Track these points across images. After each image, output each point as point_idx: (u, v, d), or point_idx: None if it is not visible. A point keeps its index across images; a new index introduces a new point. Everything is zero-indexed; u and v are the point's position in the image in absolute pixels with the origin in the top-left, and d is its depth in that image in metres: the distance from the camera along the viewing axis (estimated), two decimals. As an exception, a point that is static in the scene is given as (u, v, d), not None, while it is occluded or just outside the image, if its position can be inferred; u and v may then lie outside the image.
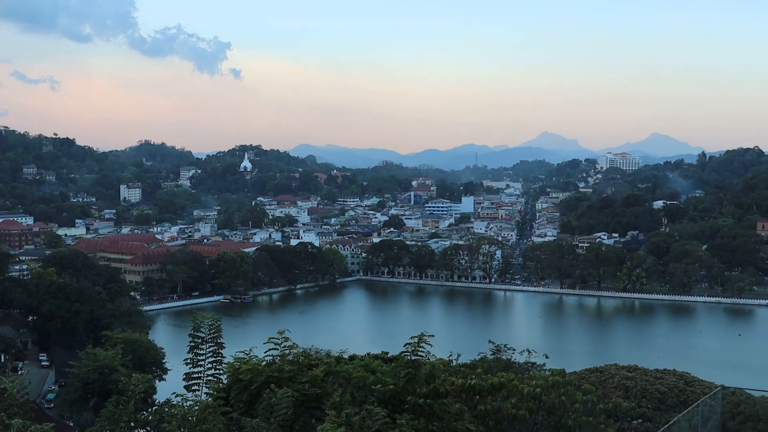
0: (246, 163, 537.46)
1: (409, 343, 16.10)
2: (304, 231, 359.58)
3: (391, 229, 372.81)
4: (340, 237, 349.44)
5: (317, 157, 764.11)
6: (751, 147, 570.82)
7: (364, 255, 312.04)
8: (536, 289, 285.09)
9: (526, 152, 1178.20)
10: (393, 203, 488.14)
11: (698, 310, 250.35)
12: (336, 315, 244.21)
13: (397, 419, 13.56)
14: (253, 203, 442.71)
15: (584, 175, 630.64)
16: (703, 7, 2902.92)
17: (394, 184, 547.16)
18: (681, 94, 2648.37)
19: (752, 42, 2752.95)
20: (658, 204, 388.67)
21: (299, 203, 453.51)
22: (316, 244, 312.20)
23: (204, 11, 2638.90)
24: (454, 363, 39.55)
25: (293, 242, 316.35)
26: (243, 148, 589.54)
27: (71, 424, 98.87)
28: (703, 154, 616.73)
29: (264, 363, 15.64)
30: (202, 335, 16.08)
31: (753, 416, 35.05)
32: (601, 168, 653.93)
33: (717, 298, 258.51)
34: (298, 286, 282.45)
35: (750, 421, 35.00)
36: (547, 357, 50.60)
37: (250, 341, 19.55)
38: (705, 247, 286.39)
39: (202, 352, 16.03)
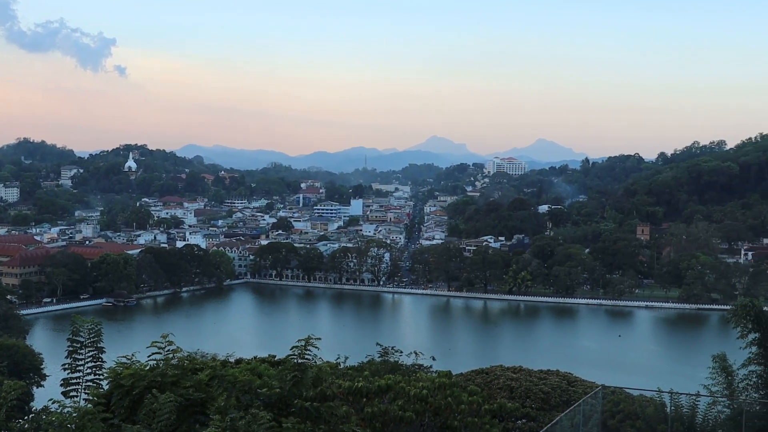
0: (131, 163, 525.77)
1: (296, 347, 15.99)
2: (190, 233, 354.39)
3: (280, 232, 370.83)
4: (227, 239, 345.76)
5: (205, 157, 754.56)
6: (632, 154, 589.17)
7: (251, 257, 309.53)
8: (424, 291, 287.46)
9: (415, 156, 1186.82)
10: (281, 205, 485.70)
11: (581, 312, 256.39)
12: (223, 318, 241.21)
13: (284, 423, 13.45)
14: (138, 204, 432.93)
15: (472, 179, 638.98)
16: (585, 20, 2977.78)
17: (283, 186, 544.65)
18: (566, 102, 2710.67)
19: (632, 54, 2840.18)
20: (543, 208, 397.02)
21: (186, 205, 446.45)
22: (203, 246, 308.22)
23: (89, 5, 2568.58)
24: (342, 366, 39.49)
25: (179, 244, 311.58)
26: (128, 148, 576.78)
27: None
28: (587, 160, 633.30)
29: (147, 368, 15.29)
30: (82, 339, 15.61)
31: (632, 414, 35.97)
32: (489, 172, 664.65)
33: (599, 300, 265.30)
34: (184, 289, 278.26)
35: (629, 419, 35.92)
36: (434, 359, 51.09)
37: (133, 346, 19.12)
38: (587, 250, 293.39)
39: (81, 357, 15.56)
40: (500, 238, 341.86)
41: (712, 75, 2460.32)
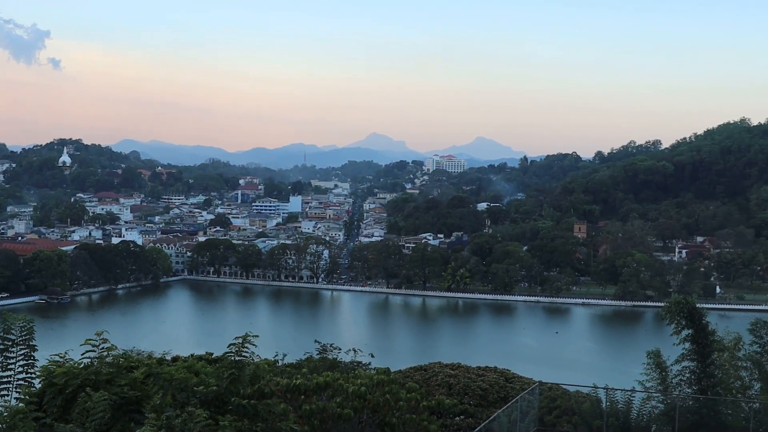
0: (65, 158, 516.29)
1: (234, 344, 15.85)
2: (126, 229, 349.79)
3: (218, 228, 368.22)
4: (164, 235, 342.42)
5: (141, 153, 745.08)
6: (570, 153, 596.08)
7: (189, 254, 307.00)
8: (363, 288, 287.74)
9: (355, 153, 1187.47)
10: (219, 202, 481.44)
11: (519, 309, 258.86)
12: (160, 316, 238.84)
13: (220, 421, 13.31)
14: (73, 200, 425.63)
15: (411, 176, 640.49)
16: (524, 20, 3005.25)
17: (221, 182, 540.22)
18: (505, 101, 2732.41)
19: (569, 55, 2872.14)
20: (482, 206, 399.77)
21: (122, 200, 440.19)
22: (139, 242, 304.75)
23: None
24: (280, 363, 39.36)
25: (115, 240, 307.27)
26: (62, 142, 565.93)
27: None
28: (525, 158, 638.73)
29: (81, 366, 15.05)
30: (13, 338, 15.31)
31: (568, 410, 36.32)
32: (428, 170, 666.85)
33: (536, 298, 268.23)
34: (120, 286, 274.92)
35: (565, 414, 36.27)
36: (372, 356, 51.02)
37: (66, 344, 18.78)
38: (525, 248, 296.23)
39: (12, 355, 15.28)
40: (439, 235, 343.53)
41: (648, 77, 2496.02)
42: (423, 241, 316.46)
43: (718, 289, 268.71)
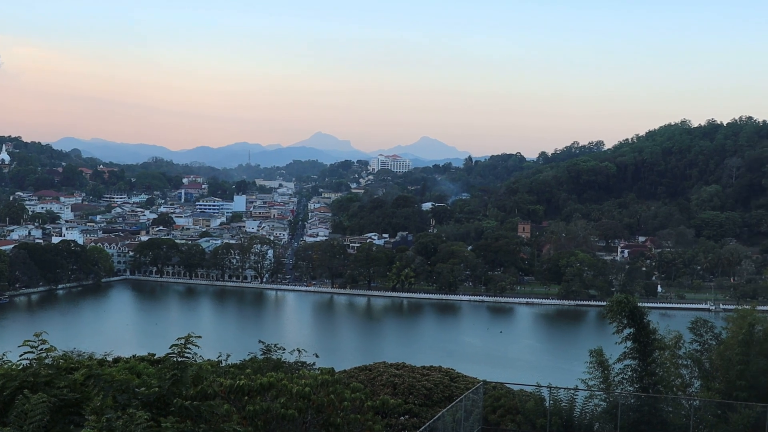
0: (4, 156, 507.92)
1: (176, 345, 15.68)
2: (67, 228, 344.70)
3: (161, 228, 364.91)
4: (106, 235, 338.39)
5: (83, 151, 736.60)
6: (514, 153, 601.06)
7: (131, 254, 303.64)
8: (307, 288, 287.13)
9: (300, 152, 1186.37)
10: (163, 201, 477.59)
11: (463, 309, 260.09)
12: (101, 316, 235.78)
13: (162, 423, 13.15)
14: (11, 198, 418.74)
15: (356, 176, 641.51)
16: (470, 23, 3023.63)
17: (164, 181, 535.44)
18: (450, 102, 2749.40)
19: (514, 58, 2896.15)
20: (427, 206, 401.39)
21: (62, 199, 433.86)
22: (80, 242, 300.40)
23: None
24: (223, 364, 39.10)
25: (55, 240, 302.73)
26: (1, 140, 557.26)
27: None
28: (470, 158, 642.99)
29: (19, 367, 14.77)
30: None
31: (512, 409, 36.51)
32: (373, 169, 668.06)
33: (481, 297, 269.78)
34: (60, 287, 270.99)
35: (509, 413, 36.45)
36: (317, 356, 50.90)
37: (4, 345, 18.48)
38: (470, 247, 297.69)
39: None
40: (384, 235, 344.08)
41: (592, 79, 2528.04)
42: (368, 240, 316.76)
43: (659, 288, 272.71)
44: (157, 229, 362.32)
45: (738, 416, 32.28)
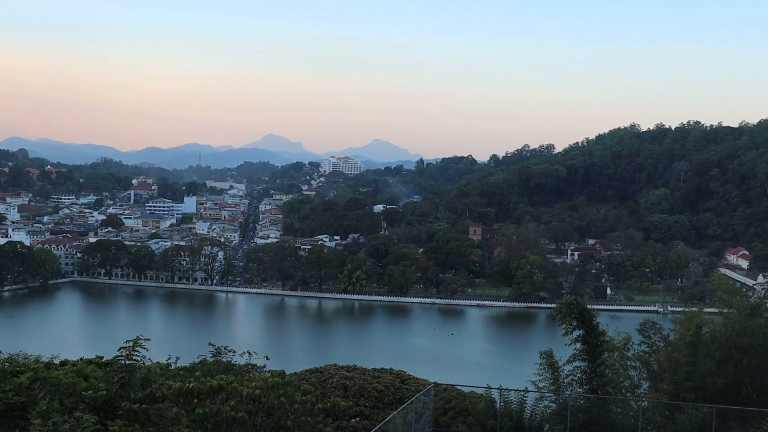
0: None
1: (124, 347, 15.48)
2: (13, 229, 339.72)
3: (109, 229, 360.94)
4: (53, 236, 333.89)
5: (29, 151, 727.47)
6: (466, 156, 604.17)
7: (79, 255, 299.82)
8: (258, 290, 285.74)
9: (251, 154, 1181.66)
10: (111, 202, 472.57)
11: (414, 311, 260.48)
12: (48, 318, 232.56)
13: (110, 426, 12.98)
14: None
15: (308, 178, 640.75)
16: (420, 27, 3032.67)
17: (113, 182, 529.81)
18: (402, 104, 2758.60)
19: (463, 64, 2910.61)
20: (379, 208, 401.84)
21: (8, 200, 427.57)
22: (27, 243, 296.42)
23: None
24: (172, 366, 38.72)
25: (1, 241, 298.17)
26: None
27: None
28: (421, 160, 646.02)
29: (-38, 371, 14.46)
30: None
31: (463, 411, 36.59)
32: (325, 171, 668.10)
33: (432, 299, 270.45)
34: (6, 288, 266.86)
35: (460, 415, 36.52)
36: (267, 358, 50.73)
37: (-54, 347, 18.05)
38: (421, 250, 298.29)
39: None
40: (335, 237, 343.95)
41: (543, 83, 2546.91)
42: (319, 242, 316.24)
43: (608, 291, 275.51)
44: (106, 230, 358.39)
45: (685, 417, 32.61)
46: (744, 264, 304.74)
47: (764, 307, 40.89)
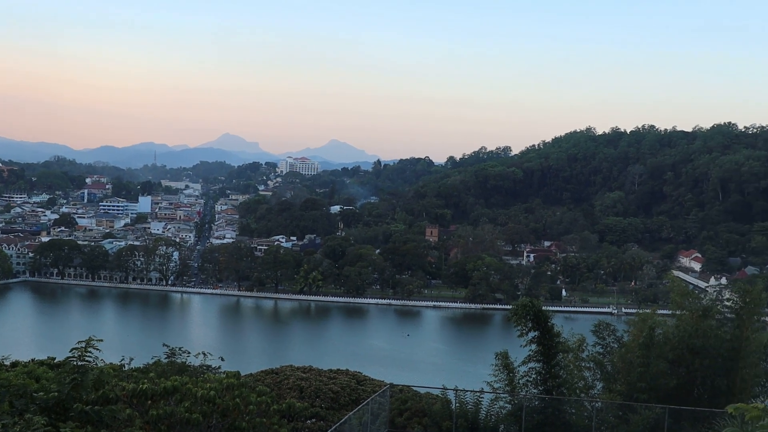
0: None
1: (76, 348, 15.28)
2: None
3: (62, 228, 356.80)
4: (4, 235, 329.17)
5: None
6: (423, 157, 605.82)
7: (31, 255, 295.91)
8: (214, 291, 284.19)
9: (207, 153, 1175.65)
10: (65, 201, 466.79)
11: (371, 312, 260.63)
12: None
13: (61, 428, 12.80)
14: None
15: (264, 178, 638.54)
16: (377, 32, 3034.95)
17: (67, 180, 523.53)
18: (359, 105, 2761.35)
19: (421, 66, 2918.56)
20: (335, 209, 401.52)
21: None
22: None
23: None
24: (126, 368, 38.38)
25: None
26: None
27: None
28: (379, 162, 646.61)
29: None
30: None
31: (419, 412, 36.67)
32: (282, 172, 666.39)
33: (388, 300, 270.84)
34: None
35: (416, 416, 36.58)
36: (222, 359, 50.39)
37: None
38: (378, 251, 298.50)
39: None
40: (292, 237, 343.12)
41: (501, 86, 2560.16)
42: (275, 243, 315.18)
43: (563, 292, 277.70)
44: (59, 229, 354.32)
45: (638, 417, 32.93)
46: (696, 266, 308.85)
47: (716, 309, 41.43)
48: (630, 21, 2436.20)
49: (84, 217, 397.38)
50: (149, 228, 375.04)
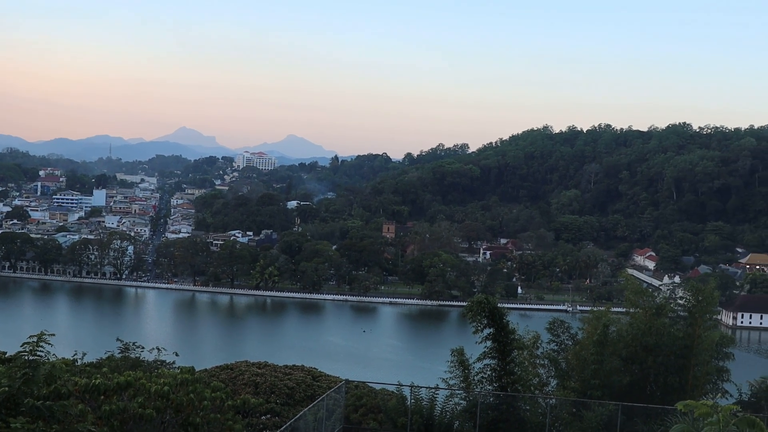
0: None
1: (28, 342, 15.09)
2: None
3: (14, 221, 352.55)
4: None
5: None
6: (380, 153, 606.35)
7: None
8: (169, 286, 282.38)
9: (163, 147, 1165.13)
10: (17, 193, 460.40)
11: (327, 308, 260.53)
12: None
13: (12, 423, 12.63)
14: None
15: (221, 172, 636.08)
16: (334, 27, 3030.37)
17: (19, 173, 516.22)
18: (317, 101, 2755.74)
19: (378, 62, 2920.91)
20: (292, 204, 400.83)
21: None
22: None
23: None
24: (79, 362, 38.06)
25: None
26: None
27: None
28: (336, 157, 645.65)
29: None
30: None
31: (374, 408, 36.75)
32: (238, 166, 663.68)
33: (344, 296, 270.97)
34: None
35: (371, 412, 36.67)
36: (177, 355, 50.15)
37: None
38: (335, 247, 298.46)
39: None
40: (248, 232, 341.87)
41: (457, 84, 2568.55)
42: (232, 238, 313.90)
43: (519, 290, 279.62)
44: (11, 222, 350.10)
45: (592, 414, 33.25)
46: (651, 265, 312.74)
47: (669, 308, 42.01)
48: (587, 20, 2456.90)
49: (37, 210, 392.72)
50: (104, 222, 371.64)
